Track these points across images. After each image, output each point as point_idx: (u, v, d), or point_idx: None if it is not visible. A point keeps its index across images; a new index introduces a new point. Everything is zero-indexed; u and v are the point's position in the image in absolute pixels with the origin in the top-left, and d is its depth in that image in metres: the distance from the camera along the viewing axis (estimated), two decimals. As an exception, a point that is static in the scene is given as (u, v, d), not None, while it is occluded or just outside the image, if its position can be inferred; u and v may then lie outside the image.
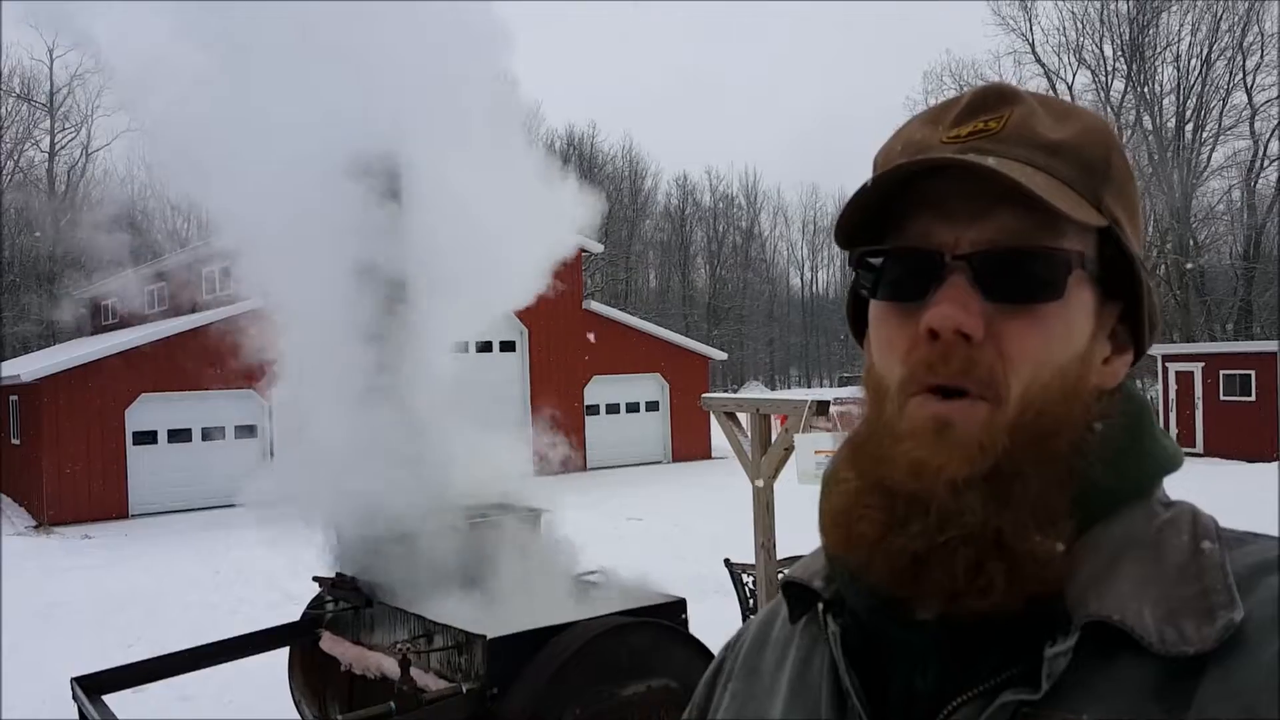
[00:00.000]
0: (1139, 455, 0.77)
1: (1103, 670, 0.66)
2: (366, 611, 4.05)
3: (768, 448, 7.80)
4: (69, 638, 9.45)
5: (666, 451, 24.84)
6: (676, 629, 3.54)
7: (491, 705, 3.17)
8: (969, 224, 0.74)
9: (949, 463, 0.70)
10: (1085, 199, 0.75)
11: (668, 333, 26.16)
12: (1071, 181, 0.75)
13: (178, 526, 16.72)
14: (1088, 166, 0.76)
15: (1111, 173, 0.77)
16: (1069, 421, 0.73)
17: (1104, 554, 0.71)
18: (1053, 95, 0.84)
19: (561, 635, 3.28)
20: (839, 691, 0.78)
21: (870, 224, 0.79)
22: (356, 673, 3.94)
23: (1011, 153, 0.74)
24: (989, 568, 0.69)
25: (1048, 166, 0.74)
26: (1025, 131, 0.76)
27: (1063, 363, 0.73)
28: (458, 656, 3.36)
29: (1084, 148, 0.77)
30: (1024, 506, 0.70)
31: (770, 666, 0.89)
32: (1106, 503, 0.74)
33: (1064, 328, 0.74)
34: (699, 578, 9.94)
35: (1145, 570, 0.70)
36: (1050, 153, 0.75)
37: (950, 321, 0.72)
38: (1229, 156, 36.11)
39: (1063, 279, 0.73)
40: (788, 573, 0.89)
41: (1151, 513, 0.74)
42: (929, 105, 0.86)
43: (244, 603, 10.71)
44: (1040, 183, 0.71)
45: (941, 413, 0.72)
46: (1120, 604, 0.67)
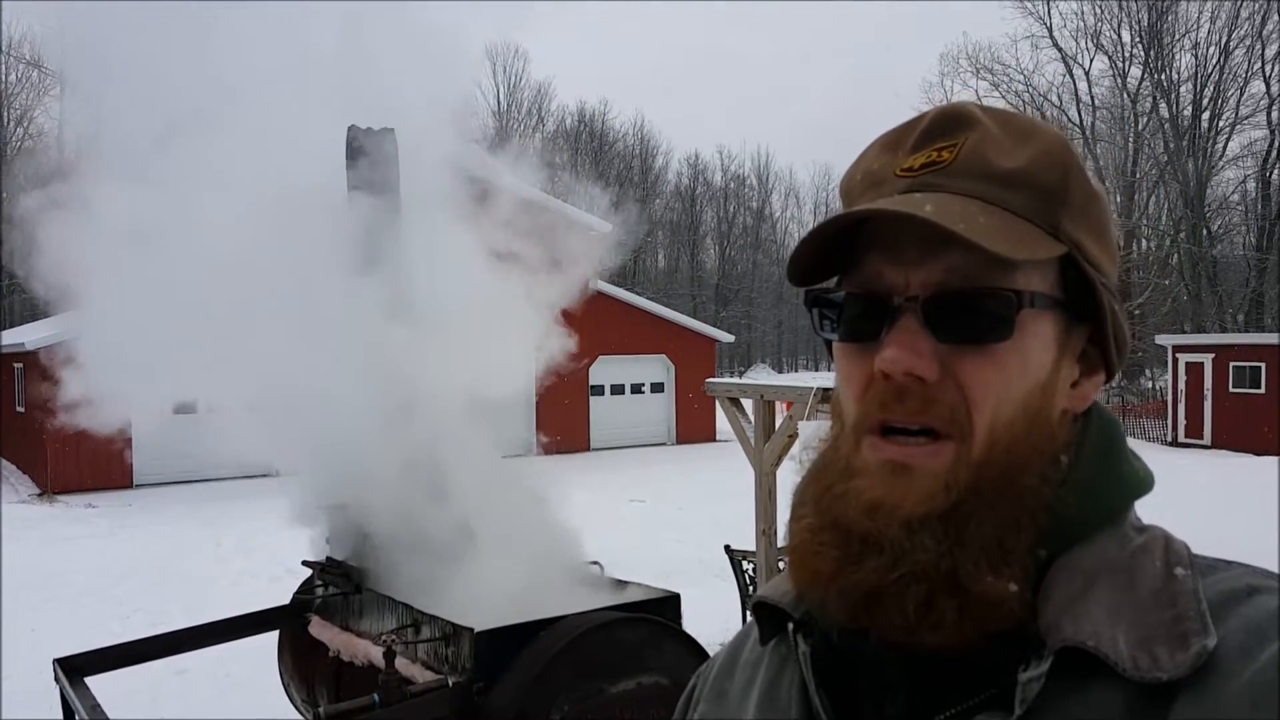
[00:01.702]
0: (1111, 480, 0.77)
1: (1076, 695, 0.67)
2: (356, 598, 4.00)
3: (771, 434, 7.75)
4: (68, 607, 9.48)
5: (671, 433, 24.82)
6: (669, 625, 3.48)
7: (478, 699, 3.11)
8: (917, 265, 0.74)
9: (904, 502, 0.71)
10: (1041, 228, 0.75)
11: (675, 314, 26.08)
12: (1025, 211, 0.74)
13: (181, 497, 16.77)
14: (1043, 193, 0.75)
15: (1070, 196, 0.76)
16: (1035, 455, 0.74)
17: (1077, 579, 0.71)
18: (1012, 112, 0.82)
19: (551, 629, 3.23)
20: (809, 713, 0.78)
21: (828, 260, 0.79)
22: (344, 659, 3.89)
23: (961, 186, 0.74)
24: (940, 604, 0.70)
25: (999, 199, 0.74)
26: (977, 161, 0.76)
27: (1023, 396, 0.73)
28: (445, 648, 3.30)
29: (1039, 173, 0.76)
30: (978, 546, 0.70)
31: (738, 689, 0.89)
32: (1079, 528, 0.74)
33: (1020, 362, 0.73)
34: (699, 562, 9.93)
35: (1119, 596, 0.70)
36: (1003, 184, 0.75)
37: (899, 365, 0.72)
38: (1245, 146, 35.90)
39: (1011, 318, 0.72)
40: (758, 592, 0.89)
41: (1124, 538, 0.74)
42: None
43: (246, 575, 10.73)
44: (983, 223, 0.71)
45: (897, 457, 0.73)
46: (1094, 629, 0.68)
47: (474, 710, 3.08)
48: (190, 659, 7.44)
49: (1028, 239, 0.73)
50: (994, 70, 36.45)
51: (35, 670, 7.48)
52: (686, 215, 60.40)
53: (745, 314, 58.45)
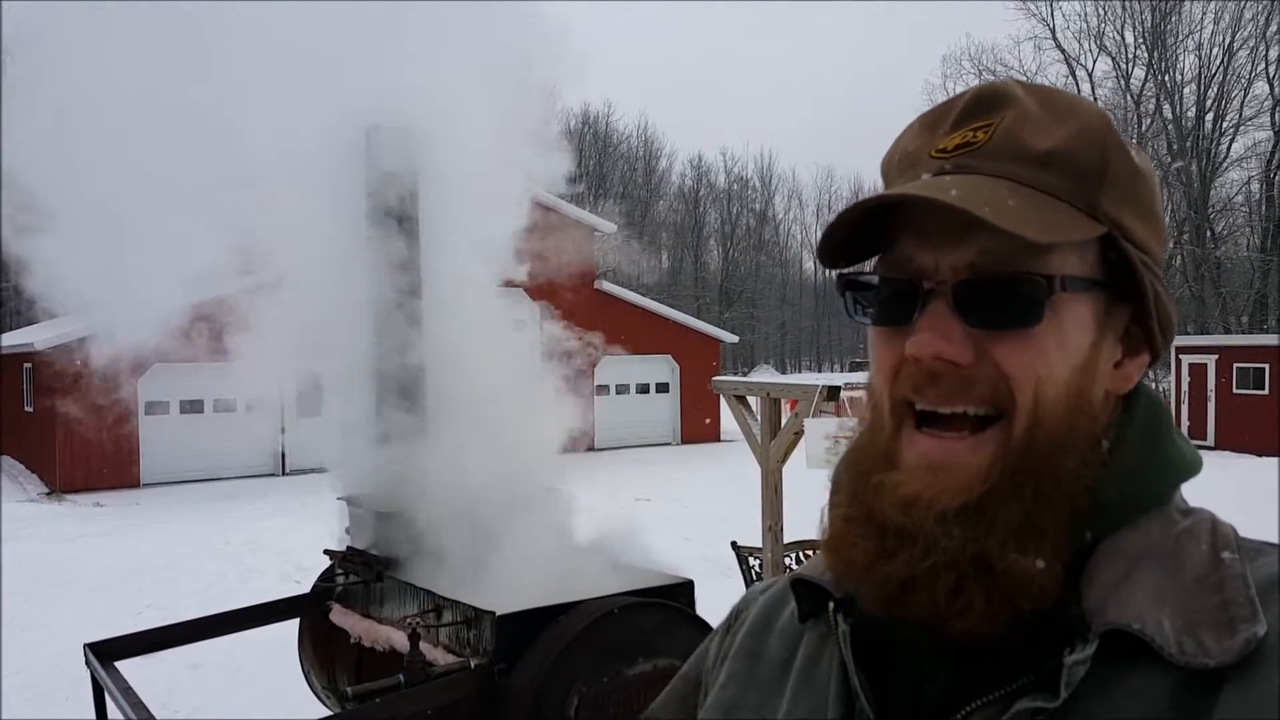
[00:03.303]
0: (1158, 463, 0.76)
1: (1120, 679, 0.66)
2: (376, 586, 4.09)
3: (777, 432, 7.82)
4: (79, 604, 9.55)
5: (676, 433, 24.88)
6: (684, 610, 3.57)
7: (499, 680, 3.20)
8: (949, 249, 0.73)
9: (940, 496, 0.71)
10: (1079, 208, 0.73)
11: (679, 314, 26.15)
12: (1061, 192, 0.73)
13: (189, 497, 16.86)
14: (1080, 173, 0.74)
15: (1109, 175, 0.75)
16: (1075, 436, 0.72)
17: (1122, 562, 0.70)
18: (1054, 89, 0.80)
19: (570, 613, 3.32)
20: (847, 692, 0.78)
21: (864, 242, 0.78)
22: (366, 645, 3.98)
23: (994, 168, 0.73)
24: (967, 590, 0.69)
25: (1033, 180, 0.73)
26: (1012, 142, 0.74)
27: (1064, 379, 0.72)
28: (466, 632, 3.39)
29: (1076, 153, 0.74)
30: (1005, 527, 0.70)
31: (775, 657, 0.88)
32: (1125, 510, 0.73)
33: (1056, 344, 0.72)
34: (705, 559, 9.98)
35: (1164, 580, 0.69)
36: (1037, 164, 0.74)
37: (928, 349, 0.72)
38: (1249, 147, 35.83)
39: (1041, 302, 0.72)
40: (796, 570, 0.89)
41: (1170, 521, 0.74)
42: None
43: (254, 573, 10.80)
44: (1013, 206, 0.70)
45: (935, 457, 0.73)
46: (1139, 613, 0.67)
47: (495, 691, 3.17)
48: (203, 654, 7.56)
49: (1061, 221, 0.72)
50: (997, 72, 36.51)
51: (50, 665, 7.58)
52: (690, 217, 60.48)
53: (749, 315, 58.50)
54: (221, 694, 7.04)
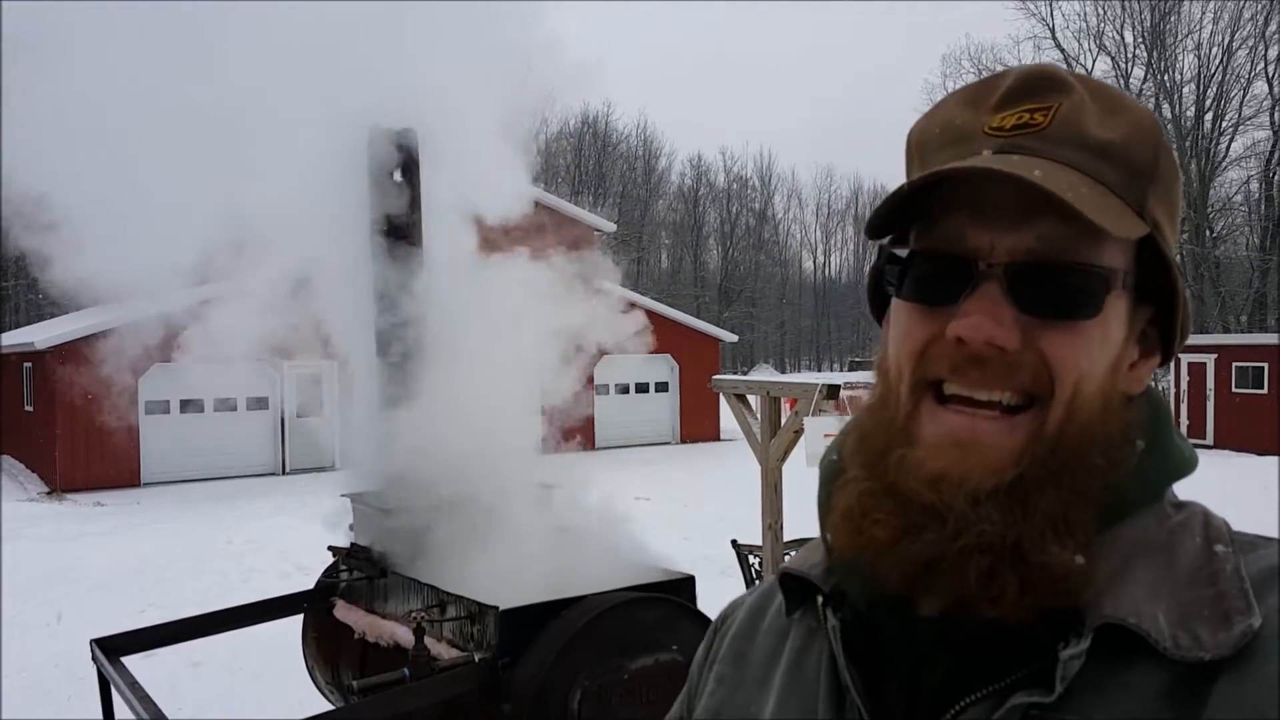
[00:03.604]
0: (1157, 460, 0.76)
1: (1115, 674, 0.66)
2: (380, 581, 4.12)
3: (777, 430, 7.85)
4: (81, 603, 9.58)
5: (675, 432, 24.90)
6: (685, 605, 3.60)
7: (503, 674, 3.23)
8: (1007, 230, 0.71)
9: (970, 474, 0.69)
10: (1130, 206, 0.73)
11: (678, 313, 26.15)
12: (1117, 187, 0.73)
13: (189, 496, 16.88)
14: (1135, 170, 0.73)
15: (1158, 175, 0.75)
16: (1106, 433, 0.72)
17: (1117, 556, 0.70)
18: (1099, 81, 0.78)
19: (572, 608, 3.35)
20: (837, 687, 0.77)
21: (898, 213, 0.76)
22: (370, 641, 4.01)
23: (1058, 154, 0.72)
24: (1002, 576, 0.68)
25: (1095, 171, 0.72)
26: (1074, 129, 0.73)
27: (1101, 373, 0.72)
28: (470, 626, 3.43)
29: (1132, 149, 0.74)
30: (1045, 517, 0.69)
31: (761, 656, 0.87)
32: (1121, 505, 0.73)
33: (1102, 339, 0.72)
34: (705, 559, 9.99)
35: (1159, 573, 0.69)
36: (1099, 155, 0.73)
37: (981, 333, 0.70)
38: (1248, 147, 35.88)
39: (1101, 296, 0.71)
40: (784, 564, 0.88)
41: (1163, 515, 0.73)
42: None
43: (255, 573, 10.82)
44: (1085, 194, 0.69)
45: (962, 432, 0.71)
46: (1135, 607, 0.66)
47: (499, 685, 3.20)
48: (205, 652, 7.58)
49: (1121, 215, 0.71)
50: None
51: (51, 664, 7.61)
52: (690, 216, 60.51)
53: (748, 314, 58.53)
54: (223, 692, 7.07)
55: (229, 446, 19.17)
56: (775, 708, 0.82)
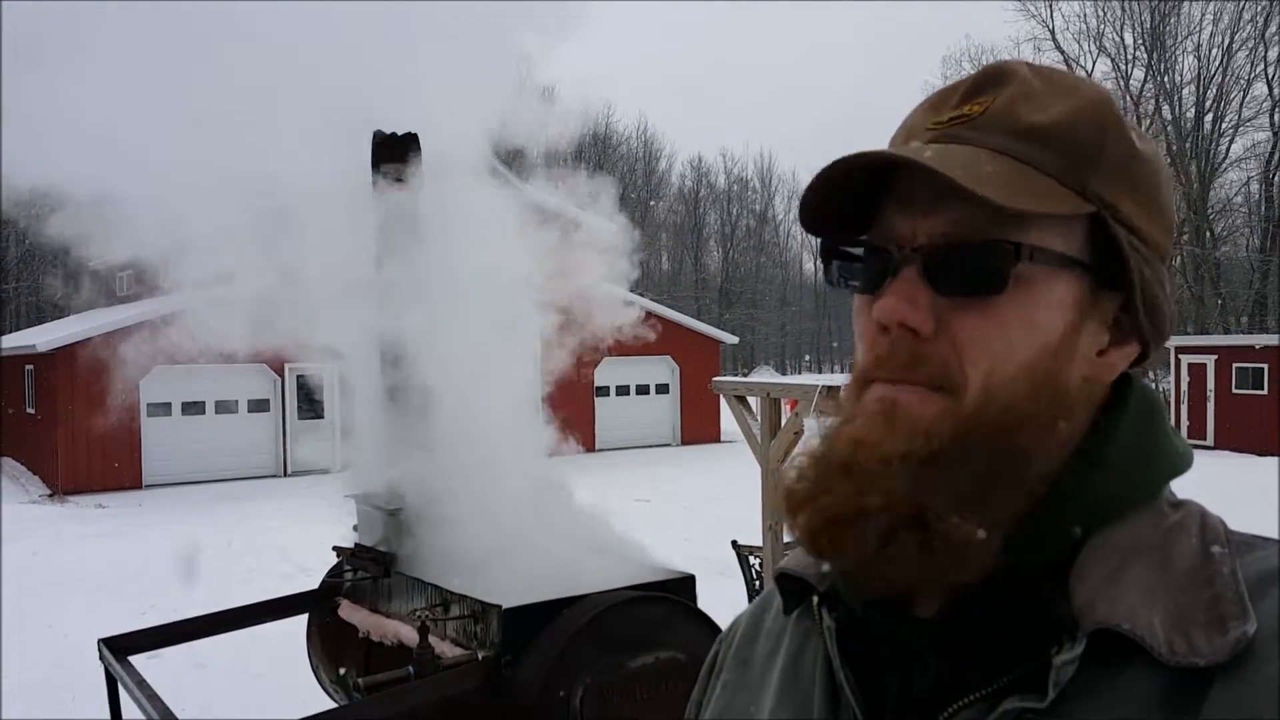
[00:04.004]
0: (1148, 457, 0.75)
1: (1108, 679, 0.65)
2: (384, 581, 4.16)
3: (777, 431, 7.89)
4: (84, 604, 9.62)
5: (675, 434, 24.94)
6: (685, 604, 3.64)
7: (506, 672, 3.28)
8: (925, 215, 0.73)
9: (885, 440, 0.70)
10: (1067, 185, 0.72)
11: (679, 315, 26.19)
12: (1048, 167, 0.72)
13: (191, 498, 16.92)
14: (1072, 150, 0.72)
15: (1105, 154, 0.73)
16: (1035, 417, 0.71)
17: (1113, 558, 0.69)
18: (1059, 70, 0.78)
19: (574, 607, 3.40)
20: (832, 687, 0.77)
21: (856, 213, 0.77)
22: (374, 640, 4.06)
23: (984, 140, 0.73)
24: (901, 538, 0.68)
25: (1022, 153, 0.72)
26: (1006, 117, 0.74)
27: (1027, 355, 0.71)
28: (474, 625, 3.47)
29: (1071, 130, 0.73)
30: (952, 492, 0.69)
31: (762, 658, 0.88)
32: (1113, 505, 0.72)
33: (1022, 320, 0.71)
34: (705, 560, 10.00)
35: (1154, 576, 0.68)
36: (1028, 138, 0.73)
37: (893, 315, 0.72)
38: (1248, 148, 35.90)
39: (1003, 270, 0.70)
40: (781, 563, 0.88)
41: (1160, 514, 0.72)
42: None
43: (256, 572, 10.85)
44: (989, 173, 0.69)
45: (889, 395, 0.72)
46: (1130, 612, 0.66)
47: (501, 682, 3.25)
48: (209, 654, 7.62)
49: (1037, 191, 0.71)
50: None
51: (54, 664, 7.65)
52: (690, 218, 60.56)
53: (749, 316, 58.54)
54: (228, 693, 7.10)
55: (230, 449, 19.23)
56: (773, 707, 0.82)
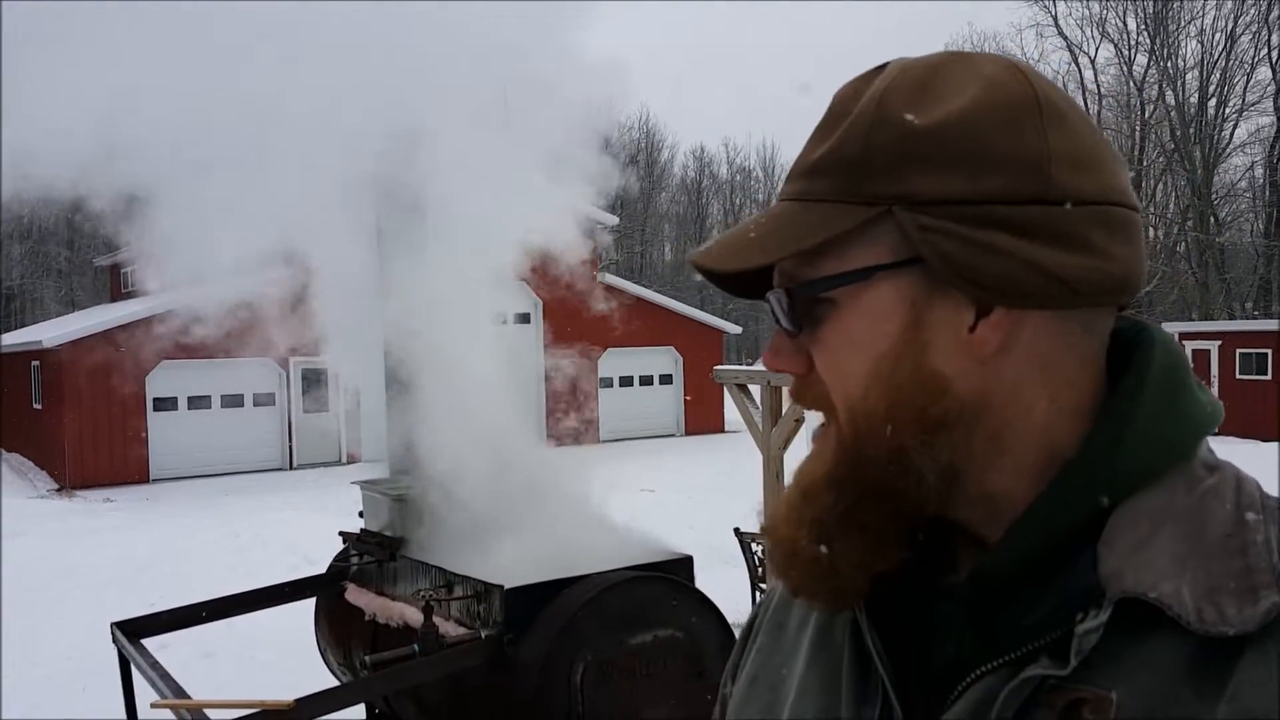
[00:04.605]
0: (1173, 416, 0.72)
1: (1134, 647, 0.64)
2: (390, 565, 4.24)
3: (778, 419, 7.96)
4: (94, 595, 9.71)
5: (680, 424, 25.01)
6: (683, 583, 3.72)
7: (508, 650, 3.36)
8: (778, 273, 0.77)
9: (802, 477, 0.77)
10: (844, 201, 0.72)
11: (682, 305, 26.24)
12: (831, 194, 0.73)
13: (197, 491, 17.02)
14: (844, 169, 0.72)
15: (872, 157, 0.71)
16: (898, 420, 0.72)
17: (1142, 525, 0.68)
18: (845, 96, 0.77)
19: (575, 586, 3.48)
20: (861, 653, 0.78)
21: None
22: (380, 622, 4.14)
23: (782, 192, 0.77)
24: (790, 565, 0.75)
25: (804, 192, 0.75)
26: (799, 163, 0.77)
27: (864, 369, 0.73)
28: (477, 605, 3.55)
29: (840, 151, 0.73)
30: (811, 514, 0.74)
31: (795, 623, 0.89)
32: (1143, 469, 0.70)
33: (845, 342, 0.74)
34: (709, 548, 10.06)
35: (1184, 544, 0.66)
36: (810, 175, 0.75)
37: (766, 364, 0.79)
38: (1252, 133, 35.79)
39: (798, 310, 0.75)
40: None
41: (1194, 478, 0.70)
42: None
43: (263, 565, 10.94)
44: (754, 236, 0.74)
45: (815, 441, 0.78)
46: (1157, 579, 0.64)
47: (504, 659, 3.33)
48: (217, 643, 7.71)
49: (807, 226, 0.73)
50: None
51: (65, 656, 7.74)
52: (693, 208, 60.56)
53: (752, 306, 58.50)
54: (236, 681, 7.17)
55: (237, 442, 19.34)
56: (803, 671, 0.84)
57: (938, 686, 0.72)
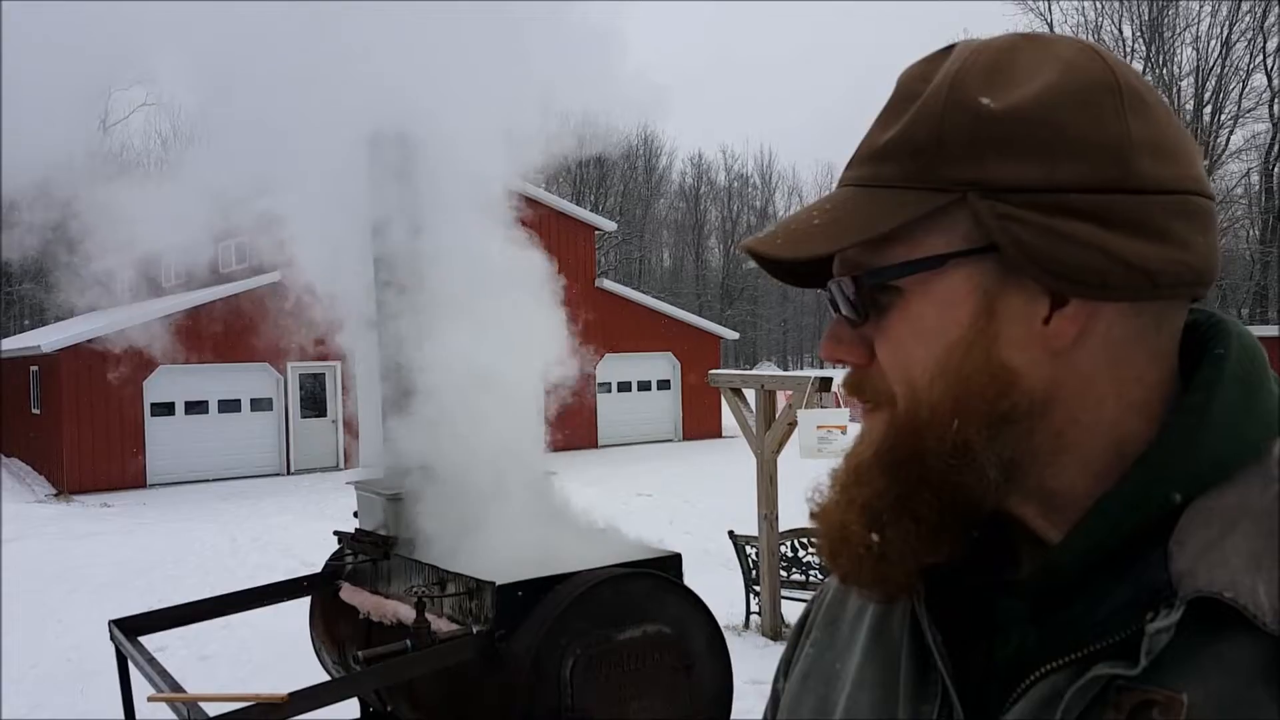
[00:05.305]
0: (1248, 412, 0.70)
1: (1208, 647, 0.62)
2: (384, 564, 4.31)
3: (772, 423, 8.01)
4: (92, 598, 9.76)
5: (678, 430, 25.07)
6: (672, 580, 3.78)
7: (499, 645, 3.42)
8: (839, 262, 0.77)
9: (851, 457, 0.76)
10: (915, 187, 0.71)
11: (680, 311, 26.32)
12: (900, 180, 0.71)
13: (195, 496, 17.06)
14: (915, 153, 0.71)
15: (946, 141, 0.70)
16: (964, 411, 0.70)
17: (1215, 524, 0.66)
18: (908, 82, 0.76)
19: (565, 583, 3.54)
20: (919, 649, 0.76)
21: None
22: (374, 620, 4.19)
23: (846, 177, 0.76)
24: (839, 553, 0.74)
25: (874, 176, 0.73)
26: (865, 145, 0.75)
27: (931, 359, 0.71)
28: (469, 602, 3.61)
29: (911, 136, 0.71)
30: (862, 499, 0.73)
31: (850, 617, 0.88)
32: (1217, 467, 0.68)
33: (912, 331, 0.72)
34: (705, 553, 10.11)
35: (1260, 544, 0.64)
36: (880, 159, 0.73)
37: (824, 354, 0.78)
38: (1248, 139, 35.87)
39: (863, 299, 0.73)
40: None
41: (1269, 477, 0.68)
42: None
43: (261, 568, 10.98)
44: (819, 223, 0.73)
45: (863, 420, 0.78)
46: (1232, 579, 0.62)
47: (495, 655, 3.40)
48: (214, 646, 7.77)
49: (878, 213, 0.71)
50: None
51: (64, 658, 7.79)
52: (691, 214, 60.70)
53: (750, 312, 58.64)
54: (233, 684, 7.22)
55: (234, 447, 19.38)
56: (859, 665, 0.82)
57: (998, 684, 0.71)
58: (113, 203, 5.87)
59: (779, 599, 8.00)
